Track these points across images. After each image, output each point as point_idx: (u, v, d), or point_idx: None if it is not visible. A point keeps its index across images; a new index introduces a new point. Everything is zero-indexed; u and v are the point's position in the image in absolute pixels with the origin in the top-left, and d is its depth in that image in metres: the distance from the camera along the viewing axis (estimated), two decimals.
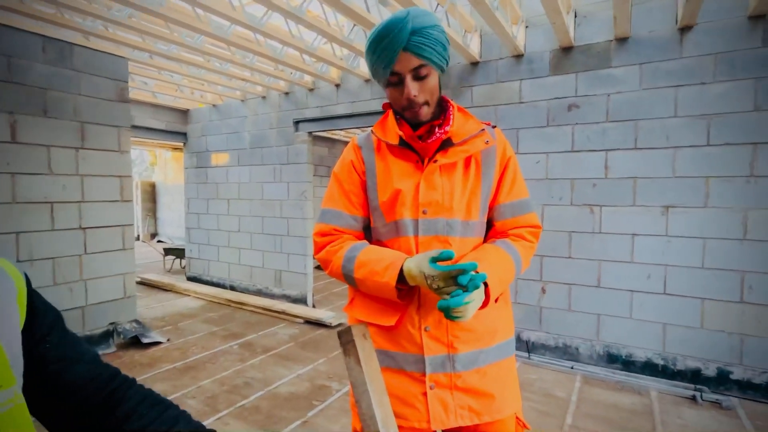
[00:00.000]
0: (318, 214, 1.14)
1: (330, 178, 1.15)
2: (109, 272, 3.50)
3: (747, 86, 2.65)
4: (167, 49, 3.60)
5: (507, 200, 1.08)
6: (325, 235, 1.09)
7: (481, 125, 1.06)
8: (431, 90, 0.97)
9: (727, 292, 2.75)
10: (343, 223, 1.08)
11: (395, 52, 0.91)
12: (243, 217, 5.27)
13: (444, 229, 1.01)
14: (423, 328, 1.00)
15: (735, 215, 2.71)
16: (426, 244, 1.01)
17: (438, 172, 1.02)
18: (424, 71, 0.94)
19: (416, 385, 1.00)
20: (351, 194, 1.08)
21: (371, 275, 0.97)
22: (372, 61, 0.97)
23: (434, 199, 1.01)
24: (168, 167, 11.29)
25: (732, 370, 2.74)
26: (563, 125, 3.20)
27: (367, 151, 1.10)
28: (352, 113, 4.34)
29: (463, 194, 1.03)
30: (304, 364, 3.26)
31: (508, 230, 1.09)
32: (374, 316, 1.04)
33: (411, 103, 0.97)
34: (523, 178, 1.12)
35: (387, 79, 0.97)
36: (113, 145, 3.50)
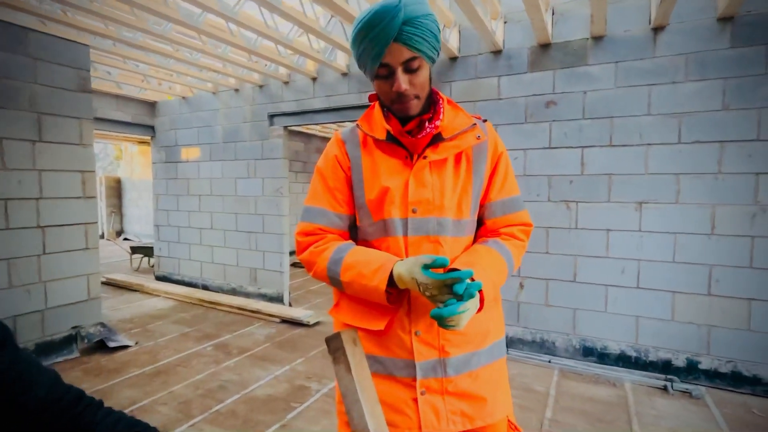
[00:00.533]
0: (301, 211, 1.07)
1: (313, 174, 1.09)
2: (71, 273, 3.29)
3: (716, 86, 2.74)
4: (133, 36, 3.40)
5: (498, 198, 1.05)
6: (308, 234, 1.03)
7: (472, 119, 1.01)
8: (422, 83, 0.92)
9: (695, 285, 2.85)
10: (328, 221, 1.02)
11: (386, 44, 0.85)
12: (216, 214, 5.09)
13: (435, 228, 0.97)
14: (413, 332, 0.96)
15: (704, 211, 2.81)
16: (416, 244, 0.96)
17: (428, 169, 0.97)
18: (416, 64, 0.89)
19: (406, 391, 0.96)
20: (335, 191, 1.03)
21: (359, 278, 0.92)
22: (359, 52, 0.91)
23: (424, 197, 0.96)
24: (134, 162, 10.83)
25: (700, 360, 2.85)
26: (541, 122, 3.23)
27: (352, 145, 1.04)
28: (329, 107, 4.25)
29: (454, 192, 0.98)
30: (281, 364, 3.18)
31: (499, 228, 1.06)
32: (362, 320, 0.99)
33: (401, 96, 0.91)
34: (514, 175, 1.09)
35: (376, 72, 0.91)
36: (74, 138, 3.29)
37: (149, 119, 5.53)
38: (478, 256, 0.96)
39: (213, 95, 5.03)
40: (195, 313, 4.45)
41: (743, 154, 2.69)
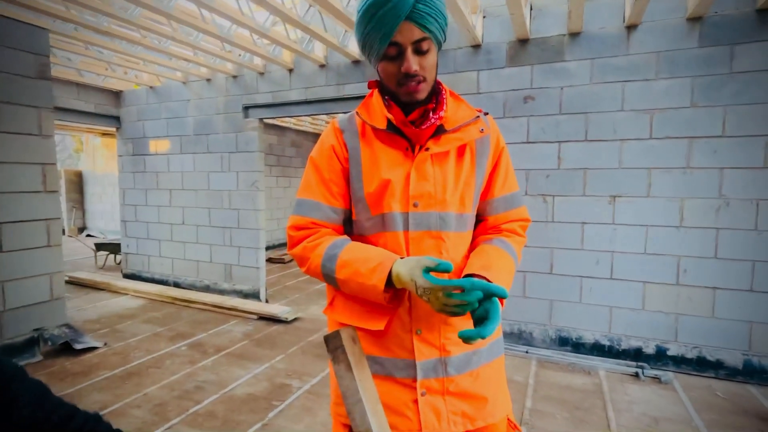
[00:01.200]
0: (293, 204, 1.03)
1: (306, 165, 1.03)
2: (32, 272, 3.10)
3: (685, 84, 2.84)
4: (96, 21, 3.21)
5: (501, 194, 1.03)
6: (301, 228, 0.98)
7: (475, 112, 0.98)
8: (431, 67, 0.89)
9: (665, 276, 2.97)
10: (322, 215, 0.97)
11: (397, 22, 0.81)
12: (188, 209, 4.91)
13: (437, 223, 0.93)
14: (414, 330, 0.93)
15: (673, 204, 2.92)
16: (417, 239, 0.93)
17: (430, 162, 0.93)
18: (426, 45, 0.86)
19: (406, 392, 0.93)
20: (331, 183, 0.98)
21: (356, 276, 0.88)
22: (365, 31, 0.86)
23: (426, 190, 0.93)
24: (97, 154, 10.31)
25: (669, 347, 2.98)
26: (519, 116, 3.27)
27: (350, 135, 0.99)
28: (307, 100, 4.16)
29: (456, 186, 0.95)
30: (260, 362, 3.11)
31: (500, 225, 1.04)
32: (360, 319, 0.95)
33: (409, 78, 0.87)
34: (513, 170, 1.07)
35: (383, 52, 0.86)
36: (33, 129, 3.08)
37: (114, 109, 5.26)
38: (489, 258, 0.93)
39: (183, 85, 4.83)
40: (167, 312, 4.29)
41: (709, 149, 2.81)
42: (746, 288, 2.78)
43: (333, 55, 3.97)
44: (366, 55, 0.93)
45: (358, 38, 0.91)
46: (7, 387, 0.47)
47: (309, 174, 1.01)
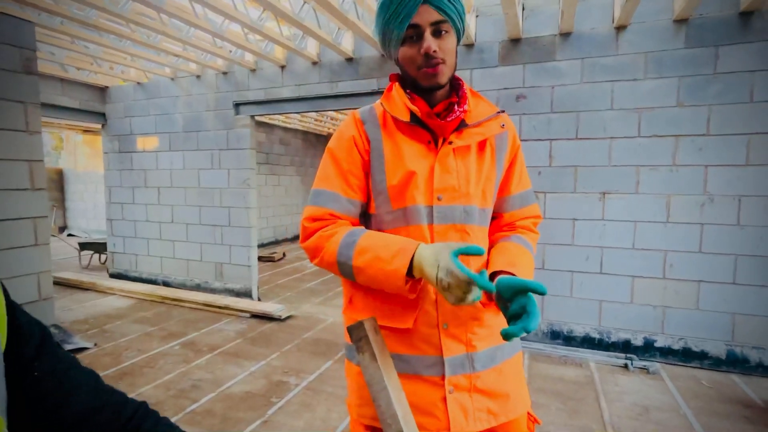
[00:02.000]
0: (309, 195, 1.00)
1: (324, 156, 1.01)
2: (19, 272, 3.03)
3: (672, 83, 2.93)
4: (84, 14, 3.14)
5: (517, 191, 1.05)
6: (317, 219, 0.96)
7: (495, 108, 1.01)
8: (450, 50, 0.91)
9: (652, 270, 3.06)
10: (340, 207, 0.96)
11: (415, 5, 0.85)
12: (177, 207, 4.85)
13: (462, 216, 0.95)
14: (441, 325, 0.93)
15: (660, 201, 3.01)
16: (442, 233, 0.94)
17: (452, 155, 0.95)
18: (444, 27, 0.88)
19: (435, 390, 0.92)
20: (349, 175, 0.97)
21: (375, 262, 0.85)
22: (386, 17, 0.89)
23: (450, 184, 0.94)
24: (78, 152, 10.06)
25: (656, 339, 3.07)
26: (512, 115, 3.32)
27: (372, 126, 0.98)
28: (299, 97, 4.14)
29: (478, 180, 0.97)
30: (256, 360, 3.10)
31: (515, 221, 1.06)
32: (384, 317, 0.94)
33: (429, 59, 0.89)
34: (526, 168, 1.10)
35: (403, 35, 0.89)
36: (19, 125, 3.01)
37: (99, 105, 5.14)
38: (513, 255, 0.95)
39: (172, 81, 4.76)
40: (157, 311, 4.23)
41: (695, 147, 2.91)
42: (729, 281, 2.89)
43: (326, 52, 3.97)
44: (387, 45, 0.94)
45: (379, 27, 0.93)
46: (66, 375, 0.48)
47: (327, 165, 0.99)
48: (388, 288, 0.88)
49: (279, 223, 8.87)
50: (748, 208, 2.82)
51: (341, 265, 0.91)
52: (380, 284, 0.88)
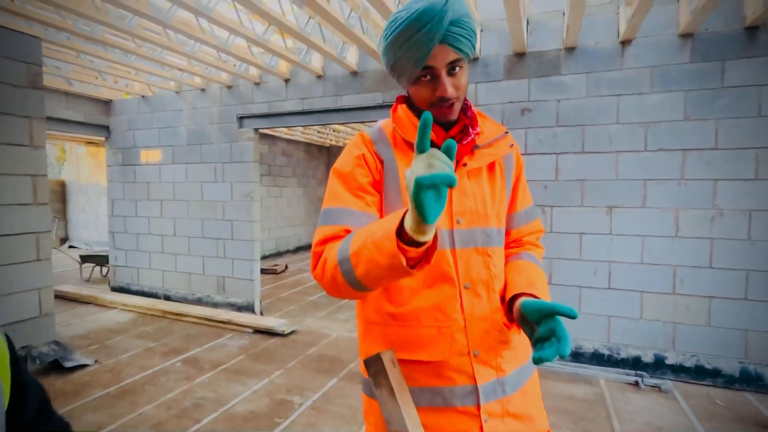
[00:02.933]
0: (319, 218, 0.92)
1: (330, 178, 0.95)
2: (20, 287, 2.99)
3: (678, 98, 2.92)
4: (90, 30, 3.15)
5: (522, 207, 1.06)
6: (329, 240, 0.86)
7: (503, 127, 1.01)
8: (464, 87, 0.89)
9: (661, 285, 3.02)
10: (356, 222, 0.86)
11: (431, 47, 0.80)
12: (179, 220, 4.82)
13: (483, 239, 0.93)
14: (473, 352, 0.89)
15: (668, 215, 2.98)
16: (465, 257, 0.92)
17: (466, 177, 0.94)
18: (459, 64, 0.85)
19: (470, 420, 0.88)
20: (361, 192, 0.90)
21: (368, 237, 0.74)
22: (396, 56, 0.85)
23: (468, 207, 0.92)
24: (81, 164, 10.08)
25: (667, 356, 3.02)
26: (517, 128, 3.31)
27: (383, 146, 0.94)
28: (303, 110, 4.14)
29: (493, 201, 0.96)
30: (259, 377, 3.04)
31: (522, 238, 1.07)
32: (410, 349, 0.88)
33: (443, 101, 0.86)
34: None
35: (416, 76, 0.86)
36: (23, 139, 3.00)
37: (103, 119, 5.15)
38: (530, 275, 0.94)
39: (176, 94, 4.77)
40: (158, 326, 4.18)
41: (702, 161, 2.88)
42: (741, 297, 2.84)
43: (331, 65, 3.98)
44: (395, 77, 0.92)
45: (388, 62, 0.89)
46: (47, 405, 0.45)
47: (334, 186, 0.93)
48: (385, 268, 0.71)
49: (281, 234, 8.84)
50: (758, 222, 2.79)
51: (342, 264, 0.77)
52: (376, 265, 0.72)
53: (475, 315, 0.91)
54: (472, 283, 0.92)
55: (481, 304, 0.92)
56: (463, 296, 0.91)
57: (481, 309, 0.92)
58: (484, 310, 0.92)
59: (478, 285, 0.93)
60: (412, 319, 0.90)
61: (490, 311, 0.93)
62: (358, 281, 0.76)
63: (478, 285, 0.93)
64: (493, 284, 0.94)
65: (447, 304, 0.90)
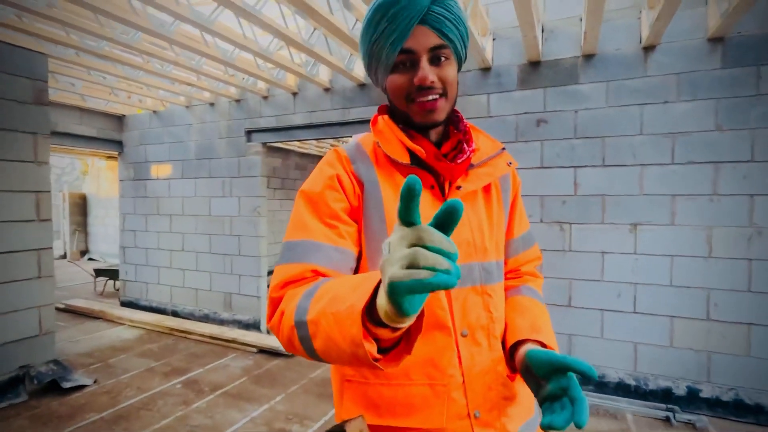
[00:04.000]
0: (279, 253, 0.75)
1: (295, 202, 0.78)
2: (19, 305, 2.94)
3: (708, 106, 2.70)
4: (97, 45, 3.14)
5: (520, 233, 0.93)
6: (290, 283, 0.68)
7: (499, 144, 0.87)
8: (451, 80, 0.74)
9: (694, 310, 2.76)
10: (325, 259, 0.70)
11: (410, 24, 0.68)
12: (188, 235, 4.77)
13: (481, 276, 0.79)
14: (473, 414, 0.75)
15: (700, 233, 2.73)
16: (461, 298, 0.77)
17: None
18: (444, 53, 0.72)
19: None
20: (333, 219, 0.74)
21: (331, 304, 0.56)
22: (373, 37, 0.72)
23: (464, 237, 0.78)
24: (101, 177, 10.29)
25: (701, 388, 2.74)
26: (532, 141, 3.13)
27: (363, 165, 0.79)
28: (311, 124, 4.06)
29: (491, 229, 0.82)
30: (259, 403, 2.90)
31: (520, 267, 0.95)
32: (396, 413, 0.73)
33: (423, 91, 0.72)
34: None
35: (393, 61, 0.72)
36: (27, 155, 2.98)
37: (116, 134, 5.19)
38: (533, 317, 0.81)
39: (186, 109, 4.77)
40: (163, 344, 4.10)
41: (738, 175, 2.64)
42: None
43: (338, 78, 3.89)
44: (373, 71, 0.78)
45: (365, 50, 0.76)
46: None
47: (300, 212, 0.76)
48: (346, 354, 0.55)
49: None
50: None
51: (298, 328, 0.61)
52: (336, 346, 0.55)
53: (474, 368, 0.76)
54: (470, 330, 0.78)
55: (482, 355, 0.78)
56: (461, 346, 0.76)
57: (481, 360, 0.77)
58: (485, 361, 0.78)
59: (477, 331, 0.78)
60: (399, 376, 0.74)
61: (492, 362, 0.79)
62: (318, 355, 0.61)
63: (477, 331, 0.78)
64: (495, 329, 0.80)
65: (441, 356, 0.75)
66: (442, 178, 0.80)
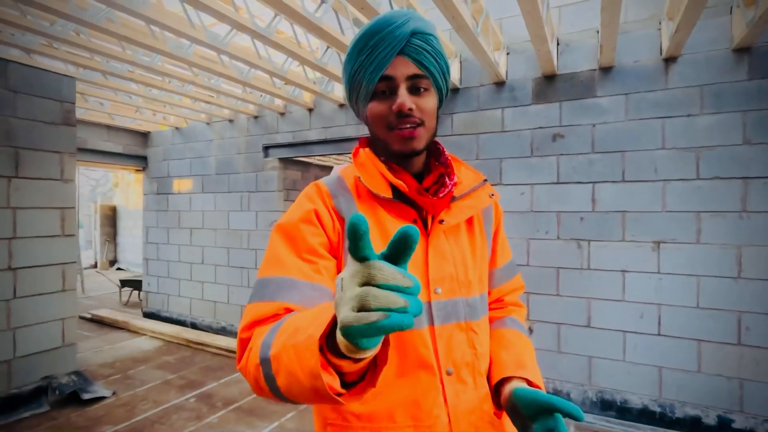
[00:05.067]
0: (251, 292, 0.71)
1: (270, 237, 0.75)
2: (44, 318, 3.05)
3: (735, 119, 2.57)
4: (121, 68, 3.28)
5: (502, 263, 0.92)
6: (258, 324, 0.65)
7: (481, 175, 0.86)
8: (429, 111, 0.74)
9: (723, 334, 2.60)
10: (299, 297, 0.66)
11: (390, 54, 0.70)
12: (207, 248, 4.87)
13: (466, 312, 0.77)
14: None
15: (729, 252, 2.59)
16: (445, 335, 0.75)
17: (443, 237, 0.78)
18: (423, 83, 0.73)
19: None
20: (312, 255, 0.71)
21: (292, 336, 0.53)
22: (354, 67, 0.73)
23: (447, 272, 0.76)
24: (130, 190, 10.69)
25: (733, 419, 2.57)
26: (548, 155, 3.05)
27: (345, 200, 0.77)
28: (326, 139, 4.10)
29: (475, 263, 0.81)
30: (269, 419, 2.89)
31: (503, 297, 0.93)
32: None
33: (402, 118, 0.72)
34: None
35: (372, 88, 0.72)
36: (54, 173, 3.11)
37: (141, 150, 5.39)
38: (517, 351, 0.81)
39: (207, 126, 4.90)
40: (181, 356, 4.16)
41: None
42: None
43: None
44: (354, 101, 0.78)
45: (346, 80, 0.77)
46: None
47: (276, 247, 0.73)
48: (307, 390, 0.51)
49: None
50: None
51: (263, 365, 0.57)
52: (297, 382, 0.52)
53: (460, 407, 0.74)
54: (455, 368, 0.75)
55: (467, 393, 0.75)
56: (446, 384, 0.74)
57: (467, 399, 0.75)
58: (471, 399, 0.75)
59: (462, 369, 0.76)
60: (383, 419, 0.71)
61: (479, 400, 0.77)
62: (283, 394, 0.57)
63: (462, 369, 0.76)
64: (480, 366, 0.78)
65: (426, 396, 0.72)
66: (425, 212, 0.79)
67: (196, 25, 2.51)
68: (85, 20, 2.27)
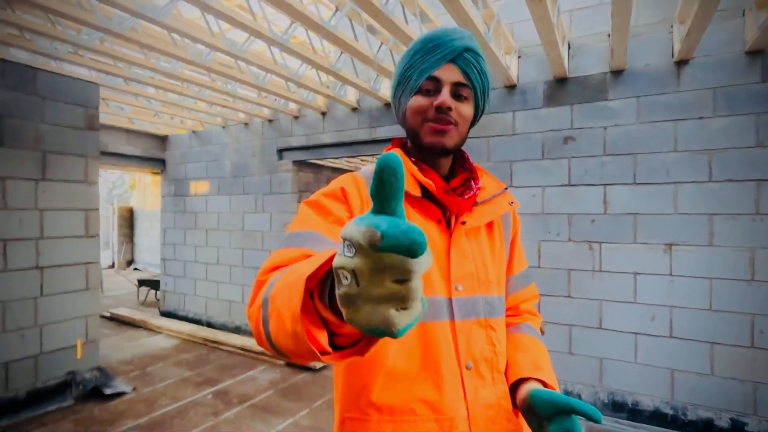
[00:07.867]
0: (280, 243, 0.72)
1: (298, 210, 0.79)
2: (68, 315, 3.17)
3: (748, 122, 2.57)
4: (143, 73, 3.39)
5: (519, 270, 0.96)
6: (278, 267, 0.63)
7: (501, 183, 0.91)
8: (465, 116, 0.81)
9: (737, 337, 2.59)
10: (324, 249, 0.65)
11: (442, 59, 0.77)
12: (222, 249, 4.98)
13: (485, 309, 0.82)
14: None
15: (742, 255, 2.58)
16: (465, 331, 0.79)
17: (465, 237, 0.83)
18: (465, 93, 0.80)
19: None
20: (338, 224, 0.73)
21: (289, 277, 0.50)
22: (407, 64, 0.80)
23: (468, 271, 0.81)
24: (147, 192, 10.92)
25: (746, 422, 2.56)
26: (559, 158, 3.08)
27: None
28: (339, 142, 4.17)
29: (494, 264, 0.86)
30: (284, 417, 2.96)
31: (519, 305, 0.96)
32: None
33: (440, 115, 0.78)
34: None
35: (419, 85, 0.79)
36: (79, 176, 3.24)
37: (160, 153, 5.53)
38: (534, 354, 0.84)
39: (223, 129, 5.02)
40: (198, 354, 4.27)
41: None
42: None
43: (365, 98, 3.99)
44: (398, 95, 0.83)
45: (398, 73, 0.83)
46: None
47: (303, 213, 0.76)
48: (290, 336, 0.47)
49: None
50: None
51: (263, 305, 0.55)
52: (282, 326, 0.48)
53: (479, 401, 0.77)
54: (474, 363, 0.79)
55: (486, 388, 0.79)
56: (465, 379, 0.77)
57: (485, 394, 0.79)
58: (489, 395, 0.79)
59: (481, 364, 0.80)
60: (404, 412, 0.74)
61: (496, 397, 0.80)
62: (273, 343, 0.52)
63: (481, 364, 0.80)
64: (498, 363, 0.82)
65: (447, 389, 0.75)
66: (449, 212, 0.83)
67: (215, 33, 2.60)
68: (111, 29, 2.37)
